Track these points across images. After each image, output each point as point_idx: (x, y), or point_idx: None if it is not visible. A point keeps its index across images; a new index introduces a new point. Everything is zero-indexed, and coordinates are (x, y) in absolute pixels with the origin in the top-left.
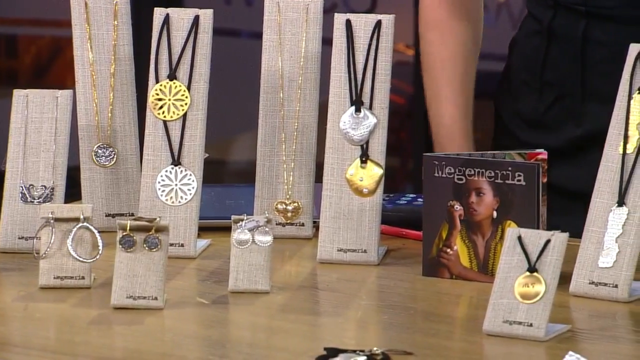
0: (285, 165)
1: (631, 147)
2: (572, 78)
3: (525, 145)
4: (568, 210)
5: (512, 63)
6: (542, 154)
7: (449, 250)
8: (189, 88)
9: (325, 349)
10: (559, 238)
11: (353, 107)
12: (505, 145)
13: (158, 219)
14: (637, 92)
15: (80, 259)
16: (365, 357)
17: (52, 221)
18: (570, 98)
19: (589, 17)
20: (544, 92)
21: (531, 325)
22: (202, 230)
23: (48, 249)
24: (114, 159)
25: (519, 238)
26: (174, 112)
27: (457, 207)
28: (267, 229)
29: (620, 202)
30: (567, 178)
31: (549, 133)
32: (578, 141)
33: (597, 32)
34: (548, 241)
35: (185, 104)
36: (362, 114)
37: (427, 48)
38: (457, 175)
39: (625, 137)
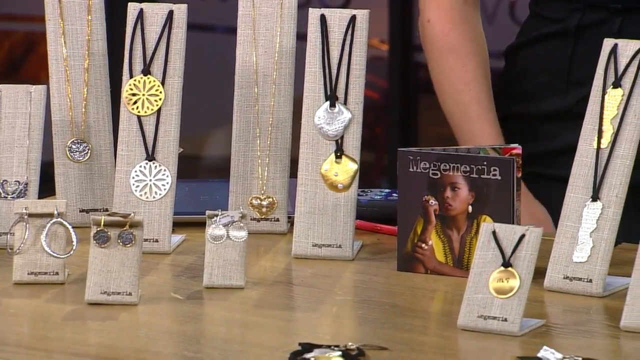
0: (259, 161)
1: (605, 142)
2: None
3: (544, 138)
4: None
5: (519, 68)
6: (517, 148)
7: (423, 245)
8: (163, 83)
9: (300, 344)
10: (534, 233)
11: (328, 102)
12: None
13: (132, 214)
14: (611, 86)
15: (54, 255)
16: (340, 353)
17: (26, 217)
18: None
19: (625, 14)
20: (571, 91)
21: (506, 320)
22: (177, 226)
23: (22, 245)
24: (88, 154)
25: (494, 233)
26: (148, 107)
27: (432, 202)
28: (241, 225)
29: (595, 197)
30: None
31: (576, 129)
32: None
33: (633, 27)
34: (522, 236)
35: (160, 99)
36: (336, 109)
37: (447, 74)
38: (432, 170)
39: (600, 132)
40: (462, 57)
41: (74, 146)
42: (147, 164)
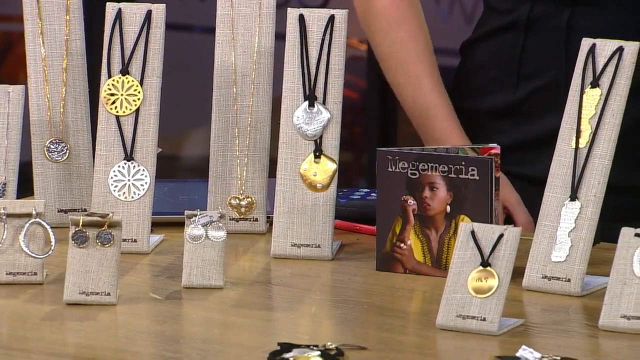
0: (238, 161)
1: (583, 142)
2: (555, 68)
3: (494, 134)
4: None
5: (472, 64)
6: (495, 148)
7: (402, 245)
8: (141, 83)
9: (278, 344)
10: (512, 232)
11: (306, 102)
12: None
13: (111, 214)
14: (590, 86)
15: (33, 255)
16: (319, 352)
17: (4, 217)
18: (552, 88)
19: (574, 5)
20: (520, 85)
21: (484, 319)
22: (156, 226)
23: (0, 245)
24: (67, 155)
25: (472, 233)
26: (126, 107)
27: (411, 201)
28: (220, 224)
29: (573, 197)
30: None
31: (527, 124)
32: None
33: (582, 20)
34: (501, 236)
35: (138, 99)
36: (315, 109)
37: (398, 46)
38: (411, 170)
39: (578, 132)
40: (413, 29)
41: (52, 146)
42: (125, 164)
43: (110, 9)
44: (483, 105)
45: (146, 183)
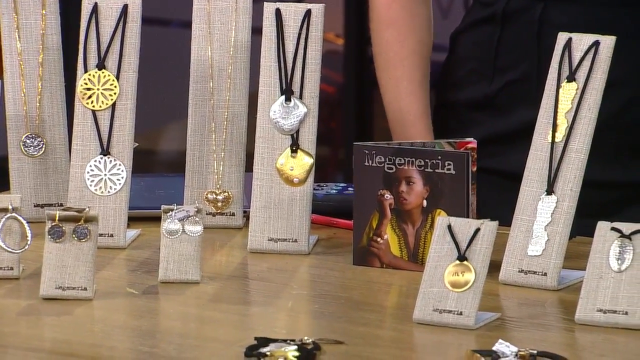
0: (215, 155)
1: (560, 136)
2: (528, 62)
3: (471, 127)
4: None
5: (457, 55)
6: (472, 142)
7: (379, 239)
8: (117, 77)
9: (255, 338)
10: (489, 226)
11: (283, 97)
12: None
13: (87, 209)
14: (566, 80)
15: (9, 250)
16: (295, 347)
17: None
18: (525, 82)
19: (547, 1)
20: (496, 78)
21: (461, 313)
22: (132, 221)
23: None
24: (43, 149)
25: (449, 227)
26: (102, 102)
27: (388, 196)
28: (197, 219)
29: (549, 191)
30: (522, 163)
31: (501, 116)
32: (533, 124)
33: (554, 15)
34: (478, 230)
35: (114, 93)
36: (292, 103)
37: (384, 47)
38: (387, 164)
39: (554, 126)
40: (401, 32)
41: (28, 141)
42: (102, 158)
43: (87, 3)
44: (462, 97)
45: (122, 178)
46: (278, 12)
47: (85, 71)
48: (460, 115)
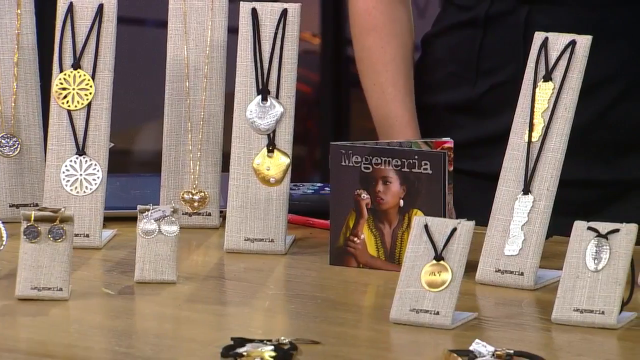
0: (191, 155)
1: (536, 135)
2: (513, 65)
3: (453, 130)
4: None
5: (432, 57)
6: (448, 142)
7: (356, 239)
8: (93, 77)
9: (232, 338)
10: (465, 226)
11: (259, 96)
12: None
13: (63, 209)
14: (542, 80)
15: None
16: (272, 347)
17: None
18: (510, 85)
19: (532, 3)
20: (479, 81)
21: (438, 313)
22: (108, 221)
23: None
24: (18, 149)
25: (426, 226)
26: (78, 102)
27: (364, 195)
28: (173, 219)
29: (526, 190)
30: None
31: (486, 119)
32: None
33: (540, 17)
34: (454, 229)
35: (90, 93)
36: (268, 103)
37: (366, 53)
38: (364, 164)
39: (531, 125)
40: (382, 37)
41: (3, 141)
42: (77, 158)
43: (62, 3)
44: (441, 100)
45: (98, 178)
46: (254, 12)
47: (61, 71)
48: (441, 118)
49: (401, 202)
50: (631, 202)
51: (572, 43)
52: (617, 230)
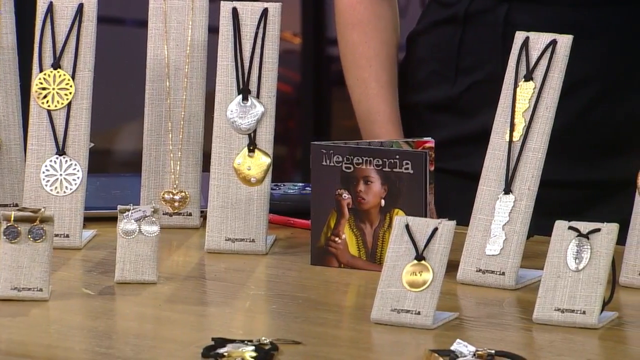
0: (172, 155)
1: (517, 135)
2: (492, 63)
3: (434, 129)
4: None
5: (415, 56)
6: (430, 142)
7: (337, 239)
8: (73, 77)
9: (213, 339)
10: (447, 226)
11: (240, 96)
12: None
13: (43, 209)
14: (523, 79)
15: None
16: (253, 347)
17: None
18: (490, 83)
19: (511, 2)
20: (459, 79)
21: (419, 313)
22: (88, 221)
23: None
24: None
25: (407, 226)
26: (58, 102)
27: (345, 195)
28: (153, 219)
29: (507, 190)
30: None
31: (465, 118)
32: None
33: (520, 15)
34: (435, 229)
35: (70, 93)
36: (249, 103)
37: (350, 48)
38: (345, 163)
39: (512, 125)
40: (367, 32)
41: None
42: (57, 158)
43: (42, 3)
44: (423, 99)
45: (78, 178)
46: (235, 11)
47: (41, 70)
48: (422, 117)
49: (382, 201)
50: (612, 203)
51: (553, 43)
52: (598, 230)
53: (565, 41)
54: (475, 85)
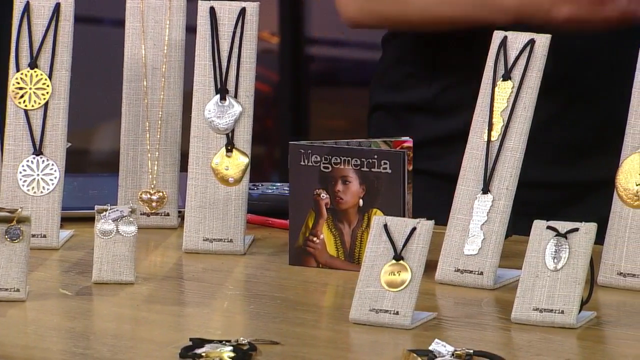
0: (149, 155)
1: (495, 135)
2: (470, 65)
3: (411, 129)
4: None
5: (391, 57)
6: (408, 141)
7: (315, 239)
8: (50, 77)
9: (191, 339)
10: (425, 226)
11: (218, 96)
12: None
13: (20, 209)
14: (501, 79)
15: None
16: (231, 348)
17: None
18: (467, 84)
19: None
20: (434, 81)
21: (397, 313)
22: (65, 221)
23: None
24: None
25: (385, 226)
26: (35, 101)
27: (324, 195)
28: (131, 219)
29: (485, 190)
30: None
31: (442, 119)
32: None
33: None
34: (414, 229)
35: (47, 92)
36: (227, 102)
37: None
38: (323, 163)
39: (490, 125)
40: None
41: None
42: (34, 158)
43: (18, 2)
44: (400, 100)
45: (55, 178)
46: (212, 11)
47: (17, 70)
48: (399, 118)
49: (361, 201)
50: (590, 203)
51: (531, 42)
52: (576, 230)
53: (543, 40)
54: (450, 86)
